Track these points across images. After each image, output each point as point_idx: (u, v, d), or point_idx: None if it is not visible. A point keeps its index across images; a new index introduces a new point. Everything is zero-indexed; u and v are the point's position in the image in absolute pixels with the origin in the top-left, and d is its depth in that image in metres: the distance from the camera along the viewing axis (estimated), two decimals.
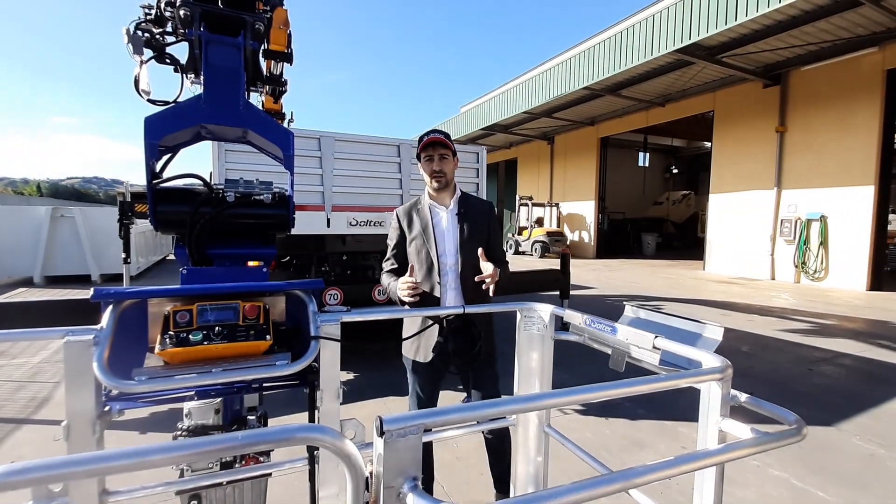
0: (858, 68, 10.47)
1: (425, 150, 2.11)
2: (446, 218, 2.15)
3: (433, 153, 2.10)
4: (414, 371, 2.17)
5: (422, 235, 2.12)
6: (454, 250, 2.11)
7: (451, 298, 2.09)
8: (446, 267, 2.10)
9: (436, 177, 2.10)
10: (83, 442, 1.16)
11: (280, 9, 4.61)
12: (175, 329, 1.24)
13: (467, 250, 2.10)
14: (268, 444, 0.64)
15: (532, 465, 1.88)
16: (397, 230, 2.21)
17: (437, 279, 2.08)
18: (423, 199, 2.21)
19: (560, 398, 0.89)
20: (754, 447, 0.91)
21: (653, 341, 1.27)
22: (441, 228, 2.14)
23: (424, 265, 2.11)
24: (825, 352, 5.59)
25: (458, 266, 2.09)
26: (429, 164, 2.11)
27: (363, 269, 5.43)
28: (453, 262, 2.10)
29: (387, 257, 2.26)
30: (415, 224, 2.16)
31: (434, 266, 2.09)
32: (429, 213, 2.15)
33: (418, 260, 2.13)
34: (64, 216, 10.47)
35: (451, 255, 2.11)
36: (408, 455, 0.70)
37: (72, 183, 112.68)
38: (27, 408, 3.80)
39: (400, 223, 2.20)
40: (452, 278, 2.10)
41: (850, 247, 10.67)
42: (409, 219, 2.19)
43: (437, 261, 2.09)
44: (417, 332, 2.01)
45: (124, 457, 0.61)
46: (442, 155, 2.10)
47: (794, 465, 2.95)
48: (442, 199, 2.18)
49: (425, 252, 2.11)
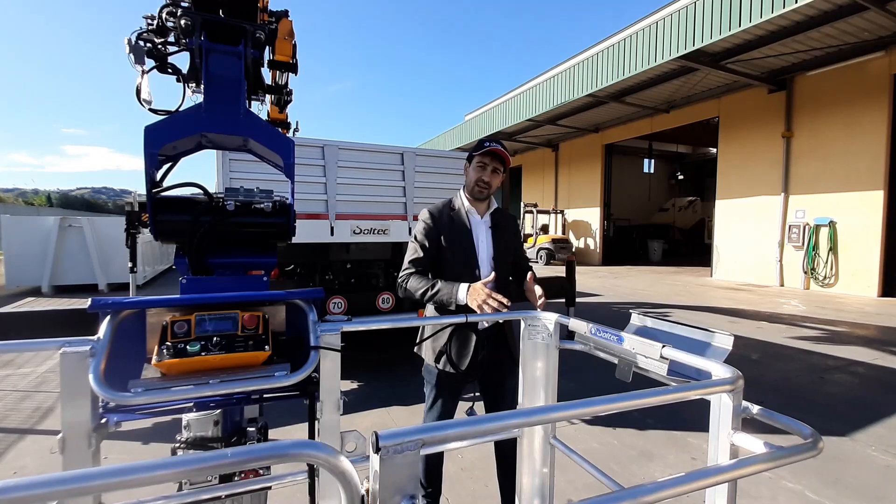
0: (865, 73, 10.42)
1: (482, 157, 2.03)
2: (482, 227, 2.11)
3: (489, 163, 2.03)
4: (438, 383, 2.08)
5: (461, 240, 2.06)
6: (488, 262, 2.08)
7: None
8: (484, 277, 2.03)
9: (481, 186, 2.05)
10: (79, 455, 1.14)
11: (285, 20, 4.66)
12: (173, 339, 1.22)
13: (500, 263, 2.08)
14: (258, 461, 0.62)
15: (538, 476, 1.83)
16: (433, 230, 2.06)
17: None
18: (459, 203, 2.13)
19: (566, 412, 0.86)
20: (768, 462, 0.87)
21: (660, 351, 1.24)
22: (479, 237, 2.09)
23: (464, 273, 2.03)
24: (837, 360, 5.48)
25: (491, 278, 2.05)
26: (480, 172, 2.04)
27: (367, 278, 5.42)
28: (487, 272, 2.05)
29: (415, 256, 2.06)
30: (452, 227, 2.07)
31: (474, 276, 2.02)
32: (467, 220, 2.08)
33: (453, 266, 2.04)
34: (72, 226, 10.55)
35: (485, 267, 2.07)
36: (405, 472, 0.67)
37: (81, 193, 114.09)
38: (31, 418, 3.80)
39: (435, 223, 2.07)
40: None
41: (860, 252, 10.54)
42: (446, 220, 2.08)
43: (478, 270, 2.04)
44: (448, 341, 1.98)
45: (111, 475, 0.58)
46: (496, 168, 2.05)
47: (808, 476, 2.87)
48: (478, 208, 2.13)
49: (464, 259, 2.05)
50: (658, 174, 26.53)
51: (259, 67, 1.73)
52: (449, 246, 2.06)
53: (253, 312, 1.33)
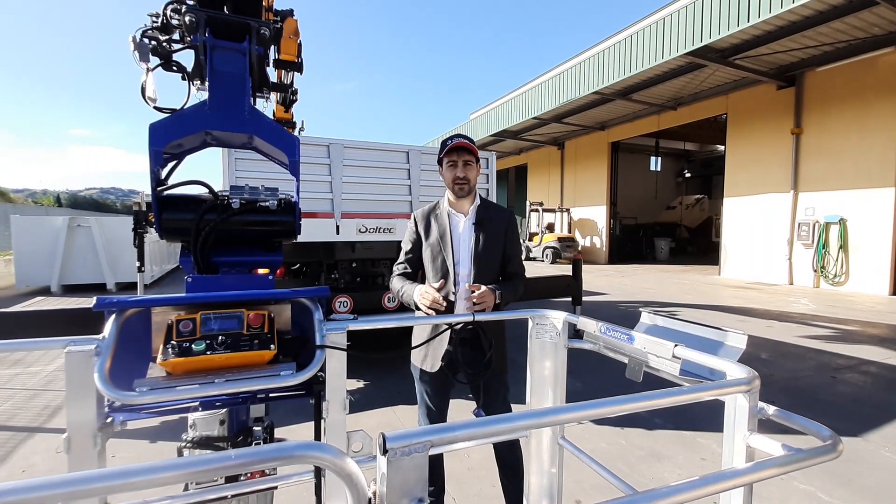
0: (875, 68, 10.27)
1: (449, 156, 2.03)
2: (463, 226, 2.09)
3: (457, 159, 2.03)
4: (422, 380, 2.12)
5: (439, 243, 2.07)
6: (468, 260, 2.05)
7: (463, 309, 2.02)
8: (460, 277, 2.04)
9: (459, 184, 2.04)
10: (84, 455, 1.13)
11: (290, 19, 4.66)
12: (178, 339, 1.21)
13: (482, 261, 2.05)
14: (262, 463, 0.60)
15: (546, 477, 1.81)
16: (414, 234, 2.15)
17: (452, 288, 2.03)
18: (443, 204, 2.16)
19: (575, 413, 0.84)
20: (786, 465, 0.85)
21: (672, 350, 1.21)
22: (458, 236, 2.08)
23: (439, 273, 2.05)
24: (848, 359, 5.41)
25: (471, 277, 2.03)
26: (452, 171, 2.04)
27: (373, 276, 5.41)
28: (467, 272, 2.04)
29: (400, 260, 2.20)
30: (432, 230, 2.10)
31: (449, 275, 2.03)
32: (447, 220, 2.09)
33: (433, 267, 2.07)
34: (81, 226, 10.65)
35: (465, 265, 2.05)
36: (413, 474, 0.65)
37: (90, 193, 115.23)
38: (40, 416, 3.83)
39: (417, 227, 2.15)
40: (465, 288, 2.04)
41: (871, 250, 10.39)
42: (427, 224, 2.13)
43: (452, 269, 2.03)
44: (426, 341, 1.96)
45: (115, 477, 0.57)
46: (466, 161, 2.03)
47: (820, 477, 2.83)
48: (461, 207, 2.12)
49: (441, 260, 2.06)
50: (665, 172, 26.33)
51: (264, 65, 1.72)
52: (429, 247, 2.10)
53: (258, 311, 1.32)
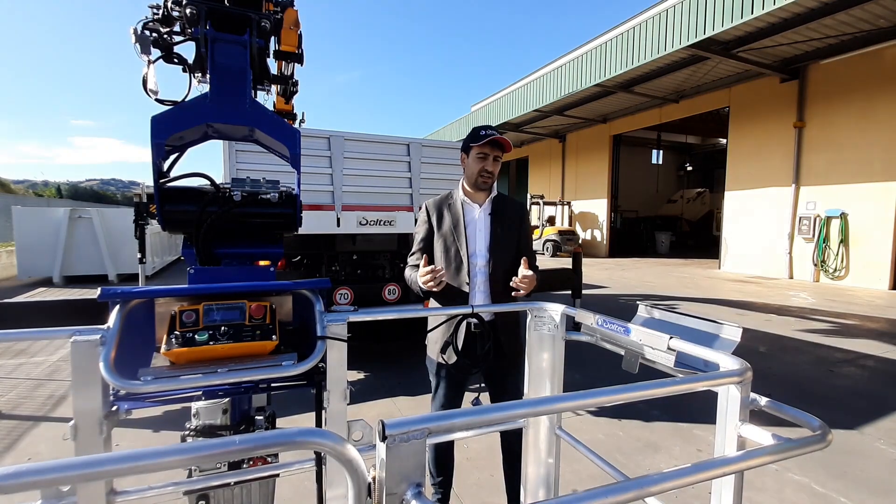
0: (880, 61, 10.19)
1: (482, 147, 1.99)
2: (479, 217, 2.07)
3: (490, 153, 2.00)
4: (438, 373, 2.10)
5: (452, 232, 2.04)
6: (485, 251, 2.03)
7: (479, 301, 2.01)
8: (476, 268, 2.02)
9: (485, 177, 2.02)
10: (90, 442, 1.15)
11: (290, 9, 4.62)
12: (181, 329, 1.23)
13: (499, 252, 2.03)
14: (265, 448, 0.62)
15: (543, 466, 1.84)
16: (426, 224, 2.12)
17: (466, 279, 2.00)
18: (456, 194, 2.13)
19: (572, 402, 0.86)
20: (776, 454, 0.87)
21: (668, 342, 1.23)
22: (473, 227, 2.06)
23: (453, 264, 2.02)
24: (846, 353, 5.44)
25: (488, 268, 2.01)
26: (481, 163, 2.01)
27: (374, 269, 5.42)
28: (483, 263, 2.02)
29: (412, 251, 2.15)
30: (445, 220, 2.07)
31: (463, 266, 2.01)
32: (461, 210, 2.07)
33: (446, 258, 2.04)
34: (82, 217, 10.68)
35: (481, 257, 2.03)
36: (411, 460, 0.67)
37: (91, 185, 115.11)
38: (45, 405, 3.87)
39: (429, 217, 2.11)
40: (482, 280, 2.01)
41: (871, 245, 10.39)
42: (440, 213, 2.10)
43: (466, 261, 2.01)
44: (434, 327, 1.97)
45: (121, 461, 0.59)
46: (497, 157, 2.03)
47: (814, 469, 2.86)
48: (477, 197, 2.10)
49: (454, 250, 2.03)
50: (666, 165, 26.24)
51: (265, 57, 1.72)
52: (441, 237, 2.07)
53: (260, 302, 1.34)
